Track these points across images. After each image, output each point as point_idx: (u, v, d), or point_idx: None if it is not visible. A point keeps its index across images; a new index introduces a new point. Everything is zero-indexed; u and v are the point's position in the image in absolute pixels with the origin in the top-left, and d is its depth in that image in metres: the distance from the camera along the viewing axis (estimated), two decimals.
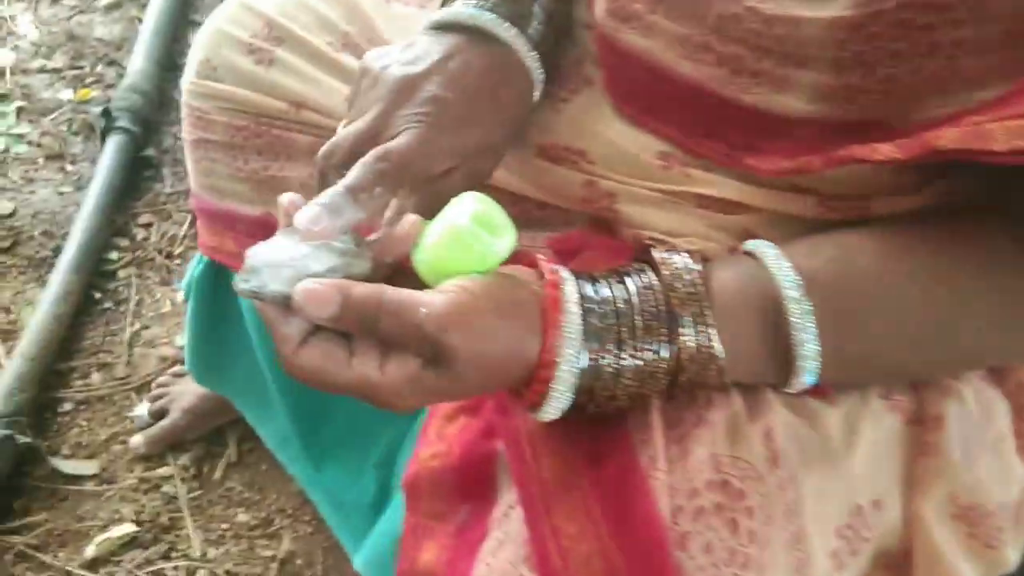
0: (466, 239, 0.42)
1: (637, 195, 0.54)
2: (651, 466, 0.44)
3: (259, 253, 0.43)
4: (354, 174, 0.47)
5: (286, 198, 0.45)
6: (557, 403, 0.43)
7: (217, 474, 1.11)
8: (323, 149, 0.53)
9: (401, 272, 0.45)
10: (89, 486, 1.08)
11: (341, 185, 0.46)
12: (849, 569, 0.47)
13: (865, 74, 0.43)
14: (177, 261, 1.36)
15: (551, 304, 0.42)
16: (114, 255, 1.35)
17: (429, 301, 0.40)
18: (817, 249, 0.45)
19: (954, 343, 0.46)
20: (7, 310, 1.26)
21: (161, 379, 1.17)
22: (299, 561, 1.05)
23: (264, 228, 0.74)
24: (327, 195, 0.45)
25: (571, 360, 0.42)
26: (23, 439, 1.06)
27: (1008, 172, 0.40)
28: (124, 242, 1.37)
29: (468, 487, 0.52)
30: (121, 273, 1.33)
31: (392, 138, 0.50)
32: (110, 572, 1.01)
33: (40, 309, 1.20)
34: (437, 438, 0.54)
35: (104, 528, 1.04)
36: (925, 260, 0.45)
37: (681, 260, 0.44)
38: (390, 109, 0.52)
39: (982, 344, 0.47)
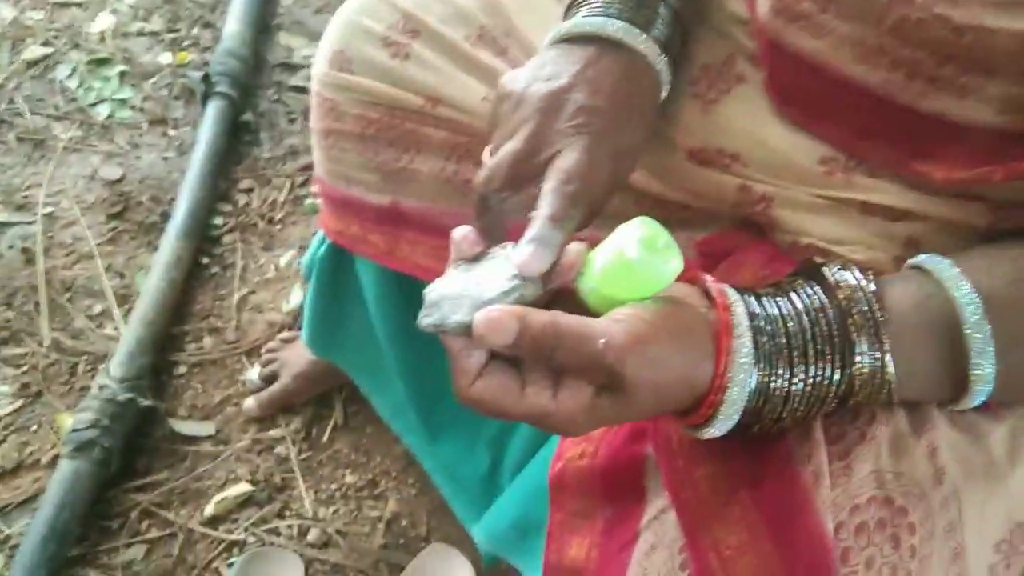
0: (636, 268, 0.42)
1: (795, 200, 0.53)
2: (815, 482, 0.45)
3: (436, 288, 0.44)
4: (550, 202, 0.47)
5: (459, 233, 0.45)
6: (723, 425, 0.43)
7: (325, 437, 1.16)
8: (482, 176, 0.52)
9: (560, 296, 0.46)
10: (206, 447, 1.14)
11: (543, 218, 0.46)
12: None
13: None
14: (278, 226, 1.40)
15: (723, 329, 0.42)
16: (219, 220, 1.39)
17: (606, 331, 0.40)
18: (994, 268, 0.44)
19: None
20: (121, 275, 1.31)
21: (271, 344, 1.21)
22: (404, 522, 1.09)
23: (391, 216, 0.76)
24: (535, 231, 0.45)
25: (742, 384, 0.42)
26: (145, 401, 1.12)
27: None
28: (227, 207, 1.41)
29: (614, 488, 0.53)
30: (226, 238, 1.37)
31: (552, 155, 0.49)
32: (229, 529, 1.07)
33: (154, 274, 1.25)
34: (583, 437, 0.56)
35: (221, 487, 1.10)
36: None
37: (854, 279, 0.44)
38: (543, 126, 0.51)
39: None
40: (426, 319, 0.44)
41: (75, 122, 1.50)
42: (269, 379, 1.18)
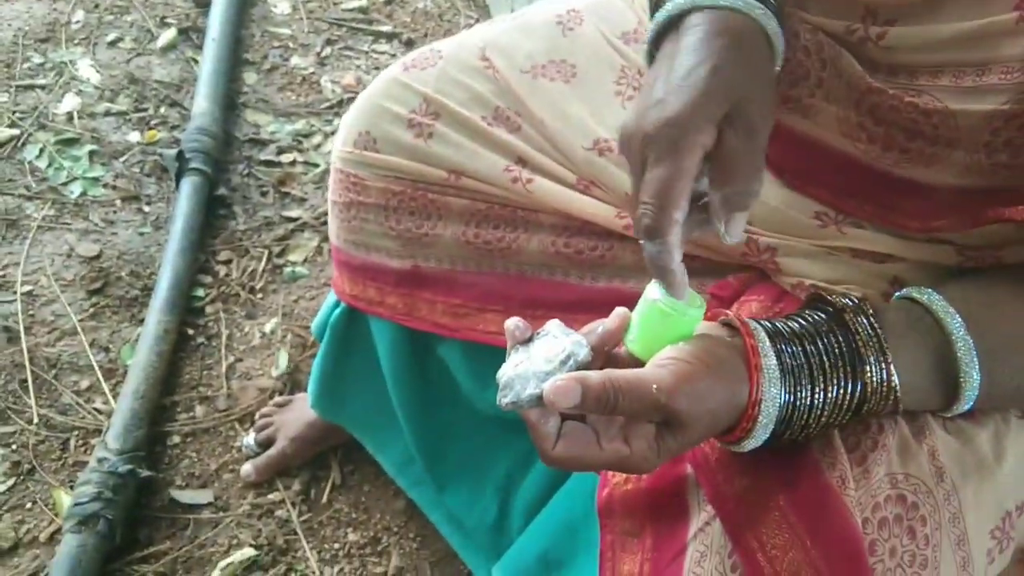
0: (668, 313, 0.51)
1: (796, 249, 0.62)
2: (842, 485, 0.53)
3: (506, 372, 0.52)
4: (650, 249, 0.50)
5: (511, 324, 0.52)
6: (760, 436, 0.51)
7: (324, 497, 1.19)
8: (642, 226, 0.49)
9: (613, 359, 0.54)
10: (206, 514, 1.16)
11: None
12: (997, 564, 0.56)
13: (1013, 154, 0.51)
14: (259, 295, 1.44)
15: (751, 351, 0.50)
16: (200, 292, 1.42)
17: (656, 377, 0.48)
18: (968, 295, 0.54)
19: None
20: (106, 349, 1.32)
21: (265, 409, 1.24)
22: (408, 575, 1.12)
23: (411, 279, 0.82)
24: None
25: (774, 396, 0.50)
26: (144, 472, 1.13)
27: None
28: (208, 279, 1.44)
29: (660, 507, 0.60)
30: (209, 309, 1.40)
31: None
32: None
33: (142, 348, 1.27)
34: None
35: (225, 553, 1.12)
36: None
37: (856, 304, 0.53)
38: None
39: None
40: (504, 399, 0.51)
41: (47, 201, 1.51)
42: (265, 444, 1.20)
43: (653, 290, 0.52)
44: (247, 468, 1.18)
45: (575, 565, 0.78)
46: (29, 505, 1.13)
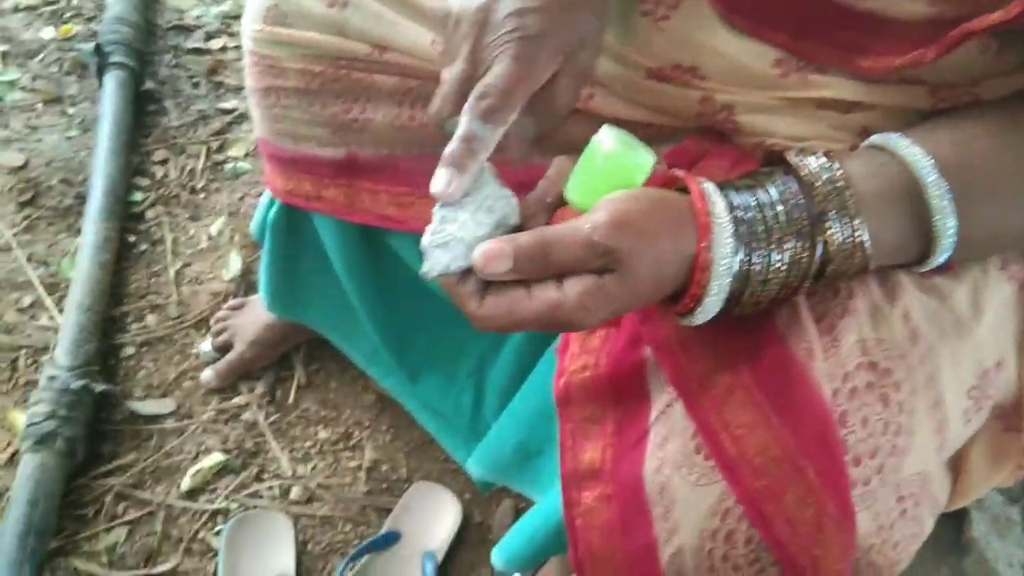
0: (613, 159, 0.47)
1: (756, 104, 0.56)
2: (808, 357, 0.49)
3: (429, 241, 0.47)
4: (463, 123, 0.48)
5: (442, 182, 0.46)
6: (712, 305, 0.46)
7: (291, 398, 1.16)
8: (430, 109, 0.53)
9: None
10: (170, 423, 1.13)
11: (455, 139, 0.48)
12: (973, 424, 0.54)
13: None
14: (202, 195, 1.36)
15: (700, 210, 0.45)
16: (138, 196, 1.34)
17: (591, 218, 0.44)
18: (937, 135, 0.49)
19: None
20: (45, 263, 1.26)
21: (220, 314, 1.19)
22: (384, 467, 1.11)
23: (348, 168, 0.76)
24: (446, 154, 0.47)
25: (726, 259, 0.45)
26: (99, 386, 1.09)
27: None
28: (145, 182, 1.37)
29: (619, 392, 0.57)
30: (149, 213, 1.33)
31: (488, 70, 0.50)
32: (209, 500, 1.07)
33: (83, 259, 1.20)
34: (582, 351, 0.59)
35: (194, 460, 1.09)
36: None
37: (816, 161, 0.48)
38: (478, 42, 0.51)
39: None
40: (429, 271, 0.47)
41: None
42: (223, 349, 1.17)
43: (599, 137, 0.47)
44: (207, 374, 1.15)
45: (553, 452, 0.76)
46: None
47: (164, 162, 1.39)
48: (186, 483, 1.07)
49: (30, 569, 0.94)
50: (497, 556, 0.74)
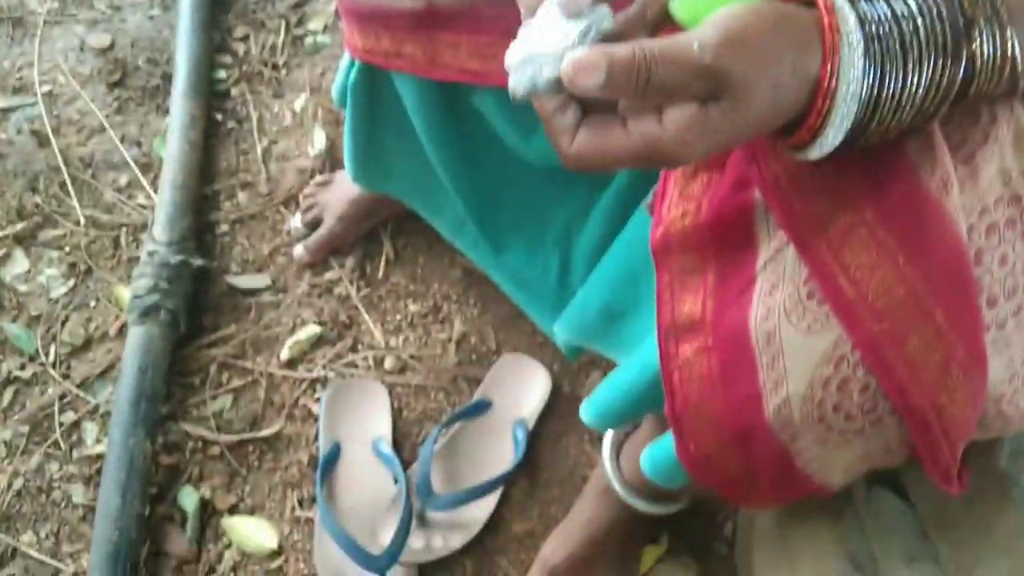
0: None
1: None
2: (943, 189, 0.44)
3: (514, 53, 0.42)
4: None
5: None
6: (834, 136, 0.41)
7: (380, 273, 1.16)
8: None
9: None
10: (266, 297, 1.15)
11: None
12: None
13: None
14: (284, 71, 1.35)
15: (828, 27, 0.40)
16: (222, 74, 1.34)
17: (700, 33, 0.38)
18: None
19: None
20: (138, 143, 1.27)
21: (307, 190, 1.19)
22: (473, 339, 1.11)
23: (427, 20, 0.72)
24: None
25: (854, 84, 0.40)
26: (197, 261, 1.12)
27: None
28: (227, 59, 1.35)
29: (722, 240, 0.53)
30: (234, 91, 1.33)
31: None
32: (308, 369, 1.10)
33: (172, 138, 1.21)
34: (681, 197, 0.55)
35: (291, 332, 1.12)
36: None
37: None
38: None
39: None
40: (516, 90, 0.42)
41: None
42: (312, 224, 1.17)
43: None
44: (299, 250, 1.16)
45: (638, 315, 0.73)
46: (93, 303, 1.14)
47: (245, 39, 1.38)
48: (285, 353, 1.10)
49: (144, 431, 0.99)
50: (585, 411, 0.72)
